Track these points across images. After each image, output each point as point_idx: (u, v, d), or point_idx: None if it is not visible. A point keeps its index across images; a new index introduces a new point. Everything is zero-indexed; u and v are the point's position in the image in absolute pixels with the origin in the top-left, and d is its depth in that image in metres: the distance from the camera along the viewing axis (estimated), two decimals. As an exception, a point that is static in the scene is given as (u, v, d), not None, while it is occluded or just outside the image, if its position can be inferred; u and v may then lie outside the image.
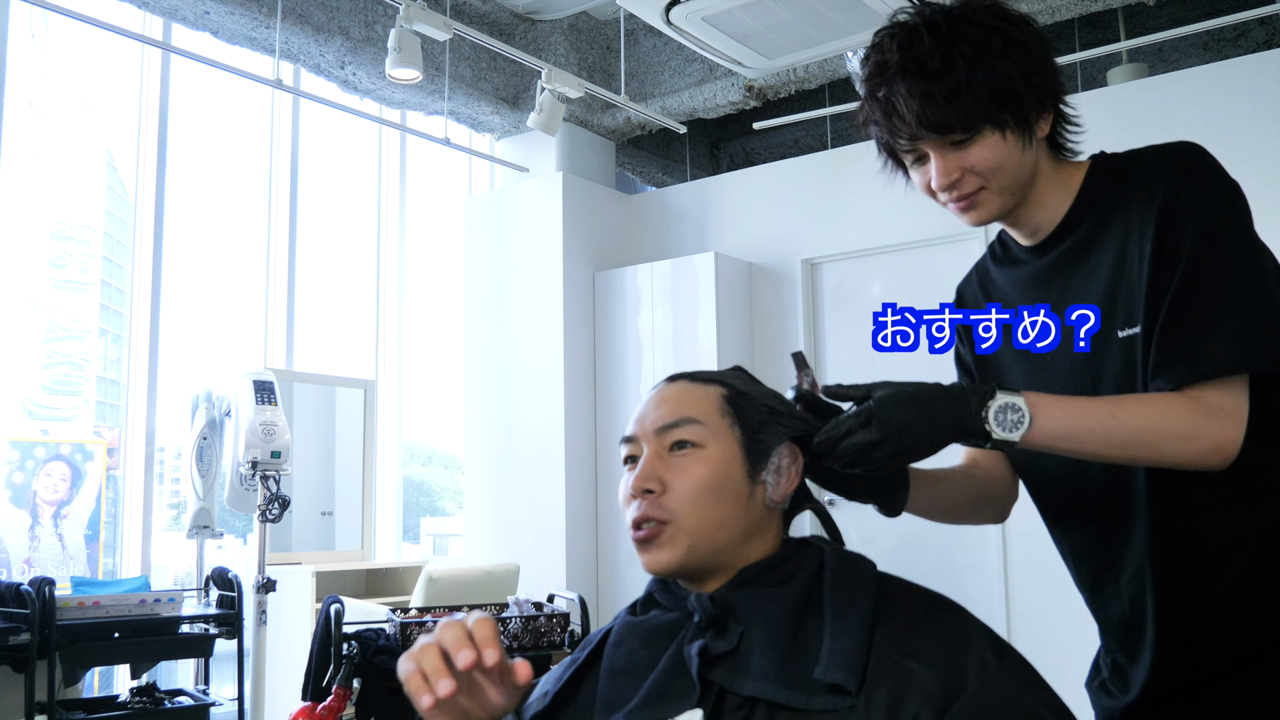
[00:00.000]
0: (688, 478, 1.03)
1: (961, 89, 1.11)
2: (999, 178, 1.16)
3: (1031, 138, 1.16)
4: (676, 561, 1.03)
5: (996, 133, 1.13)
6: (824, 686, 0.90)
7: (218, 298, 5.08)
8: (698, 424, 1.05)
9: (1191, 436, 1.05)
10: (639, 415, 1.09)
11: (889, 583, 1.01)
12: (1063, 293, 1.20)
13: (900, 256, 4.92)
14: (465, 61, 5.17)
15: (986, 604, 4.37)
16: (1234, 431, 1.05)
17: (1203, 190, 1.10)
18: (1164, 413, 1.05)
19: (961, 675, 0.89)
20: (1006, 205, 1.20)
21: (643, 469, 1.05)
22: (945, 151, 1.16)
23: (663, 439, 1.05)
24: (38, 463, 4.07)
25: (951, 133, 1.13)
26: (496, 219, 5.64)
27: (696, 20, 3.93)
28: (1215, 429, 1.04)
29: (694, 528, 1.02)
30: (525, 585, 4.34)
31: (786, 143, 6.62)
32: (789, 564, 1.03)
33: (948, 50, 1.11)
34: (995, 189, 1.17)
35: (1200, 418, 1.04)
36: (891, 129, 1.16)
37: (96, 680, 4.12)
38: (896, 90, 1.14)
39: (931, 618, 0.96)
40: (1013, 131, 1.14)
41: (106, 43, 4.45)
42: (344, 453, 5.18)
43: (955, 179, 1.17)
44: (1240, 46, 5.13)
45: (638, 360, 5.29)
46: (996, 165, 1.15)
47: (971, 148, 1.14)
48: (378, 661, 2.72)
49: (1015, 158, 1.15)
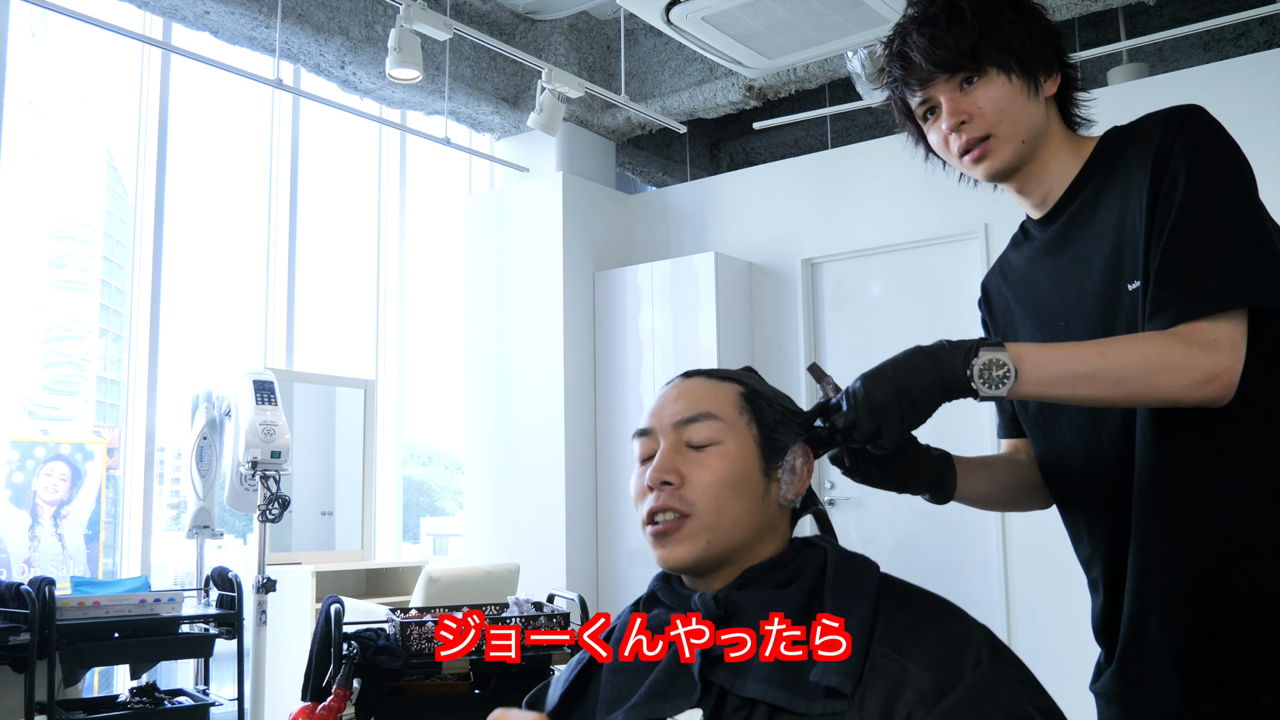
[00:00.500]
0: (707, 472, 1.03)
1: (969, 32, 1.18)
2: (1006, 122, 1.20)
3: (1038, 89, 1.21)
4: (694, 557, 1.02)
5: (1003, 75, 1.19)
6: (821, 690, 0.90)
7: (218, 298, 5.08)
8: (716, 419, 1.05)
9: (1185, 368, 1.04)
10: (655, 409, 1.09)
11: (889, 584, 1.01)
12: (1072, 257, 1.22)
13: (900, 256, 4.92)
14: (465, 61, 5.17)
15: (986, 604, 4.37)
16: (1229, 360, 1.05)
17: (1196, 142, 1.12)
18: (1154, 347, 1.06)
19: (955, 674, 0.89)
20: (1017, 155, 1.22)
21: (660, 461, 1.04)
22: (954, 95, 1.21)
23: (680, 433, 1.05)
24: (38, 463, 4.07)
25: (959, 70, 1.19)
26: (496, 219, 5.64)
27: (696, 20, 3.93)
28: (1208, 359, 1.04)
29: (712, 523, 1.02)
30: (525, 585, 4.34)
31: (786, 143, 6.62)
32: (793, 565, 1.03)
33: (958, 5, 1.20)
34: (1004, 134, 1.20)
35: (1193, 349, 1.04)
36: (906, 80, 1.24)
37: (96, 680, 4.12)
38: (910, 40, 1.22)
39: (929, 620, 0.95)
40: (1018, 76, 1.19)
41: (106, 43, 4.45)
42: (344, 453, 5.17)
43: (963, 120, 1.21)
44: (1240, 46, 5.13)
45: (638, 360, 5.29)
46: (1003, 108, 1.19)
47: (977, 90, 1.20)
48: (378, 661, 2.72)
49: (1021, 104, 1.20)
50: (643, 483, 1.05)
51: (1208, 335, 1.05)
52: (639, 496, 1.06)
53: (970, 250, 4.70)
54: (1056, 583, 4.19)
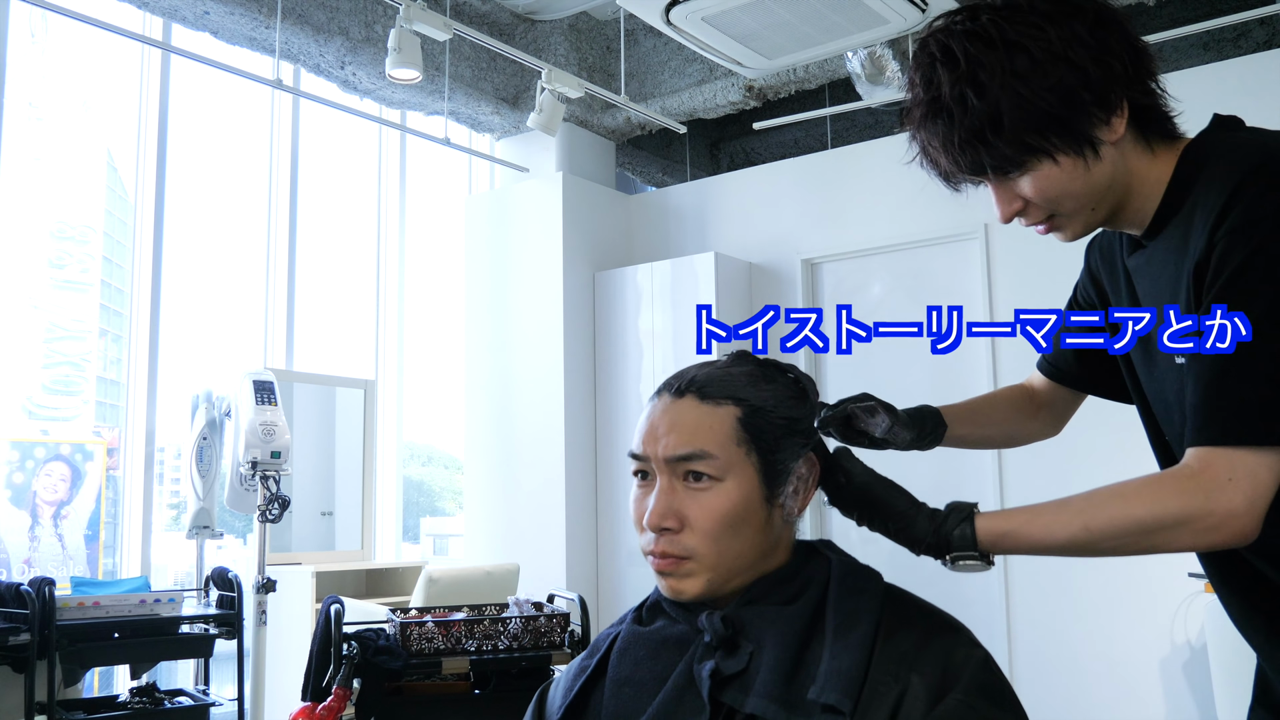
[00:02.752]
0: (706, 515, 1.00)
1: (985, 130, 1.00)
2: (1066, 203, 1.05)
3: (1096, 150, 1.03)
4: (698, 592, 1.01)
5: (1047, 160, 1.02)
6: (819, 707, 0.90)
7: (218, 298, 5.08)
8: (712, 458, 1.01)
9: (1183, 522, 0.93)
10: (647, 432, 1.04)
11: (894, 597, 1.01)
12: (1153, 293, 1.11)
13: (900, 256, 4.92)
14: (465, 61, 5.17)
15: (986, 604, 4.37)
16: (1243, 499, 0.92)
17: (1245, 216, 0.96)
18: (1144, 505, 0.94)
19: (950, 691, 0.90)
20: (1092, 221, 1.09)
21: (657, 504, 1.01)
22: (999, 182, 1.06)
23: (675, 468, 1.02)
24: (38, 463, 4.07)
25: (988, 175, 1.05)
26: (496, 219, 5.64)
27: (696, 20, 3.93)
28: (1218, 502, 0.92)
29: (714, 564, 1.00)
30: (525, 585, 4.34)
31: (786, 143, 6.62)
32: (798, 579, 1.02)
33: (963, 88, 1.00)
34: (1067, 213, 1.07)
35: (1195, 494, 0.93)
36: (936, 172, 1.09)
37: (96, 680, 4.12)
38: (923, 136, 1.06)
39: (930, 639, 0.95)
40: (1066, 155, 1.02)
41: (106, 43, 4.45)
42: (344, 453, 5.17)
43: (1018, 209, 1.07)
44: (1240, 46, 5.13)
45: (638, 360, 5.29)
46: (1055, 194, 1.04)
47: (1023, 179, 1.04)
48: (378, 661, 2.72)
49: (1078, 180, 1.03)
50: (641, 514, 1.03)
51: (1220, 473, 0.93)
52: (638, 526, 1.04)
53: (970, 250, 4.70)
54: (1056, 583, 4.19)
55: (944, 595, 1.07)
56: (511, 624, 2.85)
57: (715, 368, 1.07)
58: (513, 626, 2.85)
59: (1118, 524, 0.95)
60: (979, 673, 0.92)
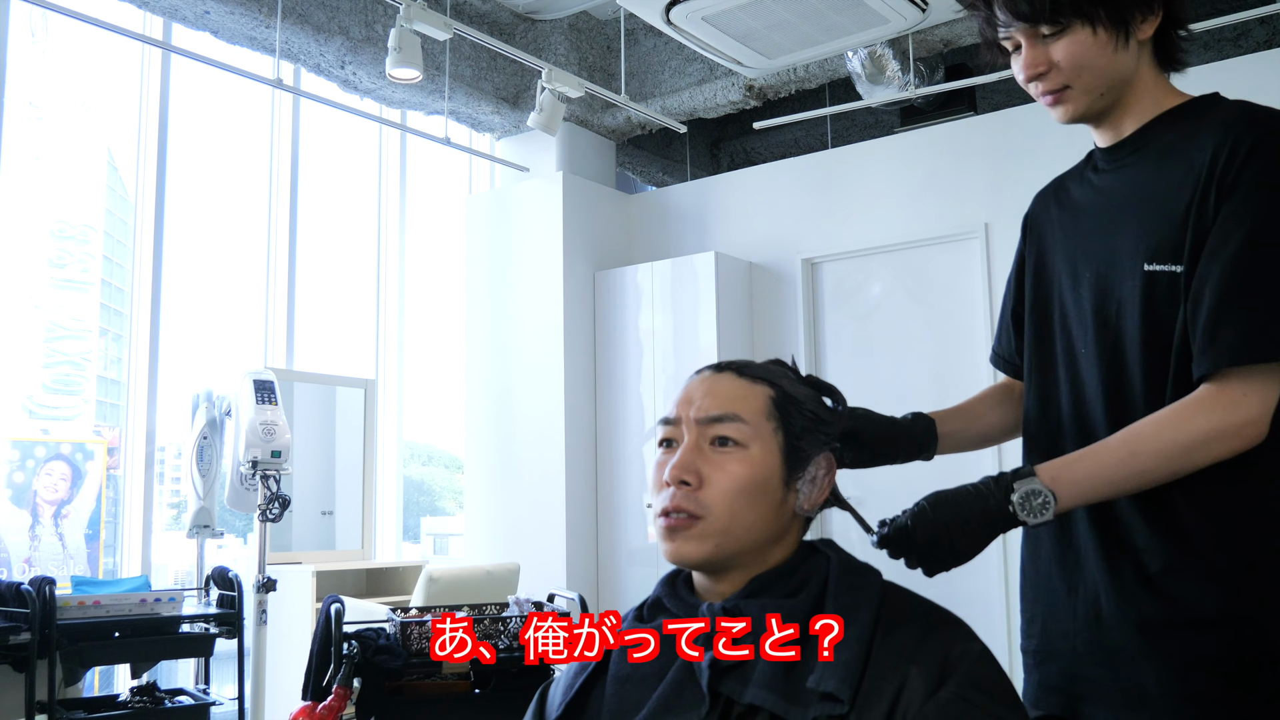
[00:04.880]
0: (726, 476, 1.01)
1: None
2: (1085, 76, 1.15)
3: (1129, 37, 1.15)
4: (701, 557, 1.02)
5: (1087, 27, 1.13)
6: (817, 696, 0.90)
7: (218, 297, 5.08)
8: (743, 422, 1.03)
9: (1212, 439, 1.06)
10: (682, 398, 1.07)
11: (891, 594, 1.01)
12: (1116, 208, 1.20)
13: (900, 256, 4.92)
14: (465, 61, 5.17)
15: (986, 603, 4.37)
16: (1256, 411, 1.06)
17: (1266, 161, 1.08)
18: (1179, 430, 1.06)
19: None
20: (1094, 106, 1.19)
21: (681, 458, 1.02)
22: (1035, 42, 1.15)
23: (705, 430, 1.03)
24: (38, 462, 4.08)
25: (1038, 23, 1.13)
26: (496, 219, 5.64)
27: (696, 20, 3.93)
28: (1235, 418, 1.05)
29: (724, 528, 1.01)
30: (525, 585, 4.34)
31: (786, 143, 6.62)
32: (799, 574, 1.02)
33: None
34: (1081, 88, 1.16)
35: (1216, 413, 1.06)
36: (988, 16, 1.18)
37: (96, 680, 4.12)
38: None
39: (928, 634, 0.95)
40: (1105, 28, 1.13)
41: (106, 43, 4.45)
42: (344, 452, 5.18)
43: (1041, 71, 1.16)
44: (1240, 46, 5.13)
45: (638, 360, 5.29)
46: (1083, 63, 1.14)
47: (1060, 41, 1.14)
48: (378, 661, 2.72)
49: (1106, 57, 1.14)
50: (662, 476, 1.04)
51: (1236, 392, 1.06)
52: (656, 487, 1.05)
53: (970, 250, 4.70)
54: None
55: (944, 595, 1.07)
56: (511, 624, 2.86)
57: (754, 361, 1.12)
58: (513, 626, 2.85)
59: (1158, 446, 1.06)
60: (976, 666, 0.93)
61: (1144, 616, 1.12)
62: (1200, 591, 1.09)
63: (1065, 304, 1.24)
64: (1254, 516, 1.09)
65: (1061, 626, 1.20)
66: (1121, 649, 1.13)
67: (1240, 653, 1.07)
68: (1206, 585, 1.09)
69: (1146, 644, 1.11)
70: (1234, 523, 1.10)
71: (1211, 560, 1.09)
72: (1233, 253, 1.07)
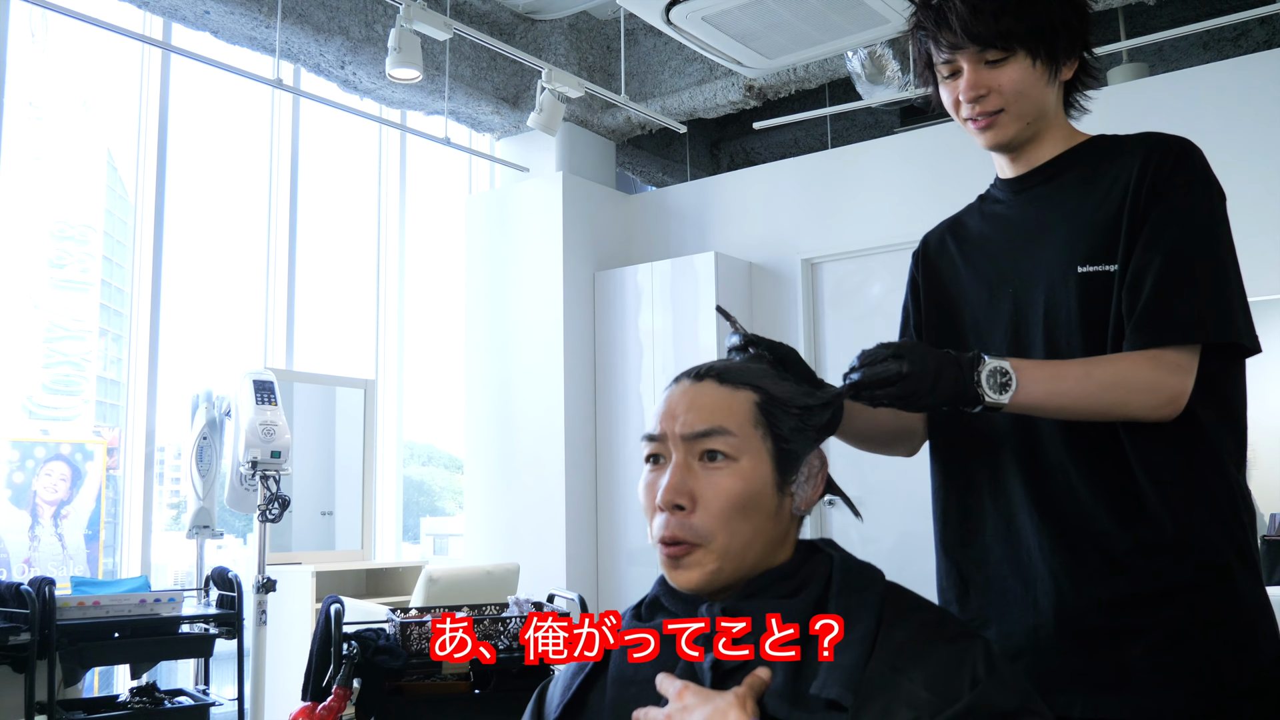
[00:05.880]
0: (719, 494, 0.99)
1: (1009, 9, 1.22)
2: (1020, 103, 1.26)
3: (1056, 74, 1.27)
4: (705, 582, 1.00)
5: (1029, 58, 1.24)
6: (822, 703, 0.90)
7: (218, 298, 5.08)
8: (730, 435, 1.00)
9: (1155, 389, 1.15)
10: (664, 412, 1.04)
11: (894, 595, 1.00)
12: (1035, 230, 1.29)
13: (900, 256, 4.91)
14: (465, 61, 5.17)
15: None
16: (1188, 384, 1.16)
17: (1193, 179, 1.20)
18: (1131, 369, 1.16)
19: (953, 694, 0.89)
20: (1021, 134, 1.28)
21: (671, 480, 1.00)
22: (979, 67, 1.25)
23: (692, 446, 1.01)
24: (38, 462, 4.07)
25: (990, 48, 1.23)
26: (496, 219, 5.64)
27: (696, 20, 3.93)
28: (1175, 381, 1.15)
29: (725, 548, 0.99)
30: (525, 585, 4.34)
31: (786, 143, 6.62)
32: (800, 574, 1.02)
33: None
34: (1014, 114, 1.26)
35: (1161, 371, 1.15)
36: (936, 37, 1.27)
37: (96, 680, 4.12)
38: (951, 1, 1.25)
39: (929, 636, 0.95)
40: (1043, 61, 1.24)
41: (106, 43, 4.45)
42: (344, 453, 5.17)
43: (981, 94, 1.26)
44: (1240, 46, 5.13)
45: (638, 360, 5.29)
46: (1022, 89, 1.25)
47: (1003, 68, 1.24)
48: (378, 661, 2.72)
49: (1039, 88, 1.26)
50: (653, 499, 1.02)
51: (1174, 360, 1.16)
52: (649, 510, 1.03)
53: (970, 250, 4.70)
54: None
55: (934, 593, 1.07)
56: (511, 624, 2.85)
57: (733, 360, 1.10)
58: (513, 626, 2.85)
59: (1109, 376, 1.15)
60: (989, 655, 0.93)
61: (1116, 595, 1.17)
62: (1172, 558, 1.15)
63: (979, 318, 1.33)
64: (1205, 488, 1.17)
65: (1022, 624, 1.23)
66: (1094, 633, 1.17)
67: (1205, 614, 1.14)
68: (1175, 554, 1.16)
69: (1120, 622, 1.16)
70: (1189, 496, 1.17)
71: (1176, 537, 1.16)
72: (1171, 245, 1.17)
